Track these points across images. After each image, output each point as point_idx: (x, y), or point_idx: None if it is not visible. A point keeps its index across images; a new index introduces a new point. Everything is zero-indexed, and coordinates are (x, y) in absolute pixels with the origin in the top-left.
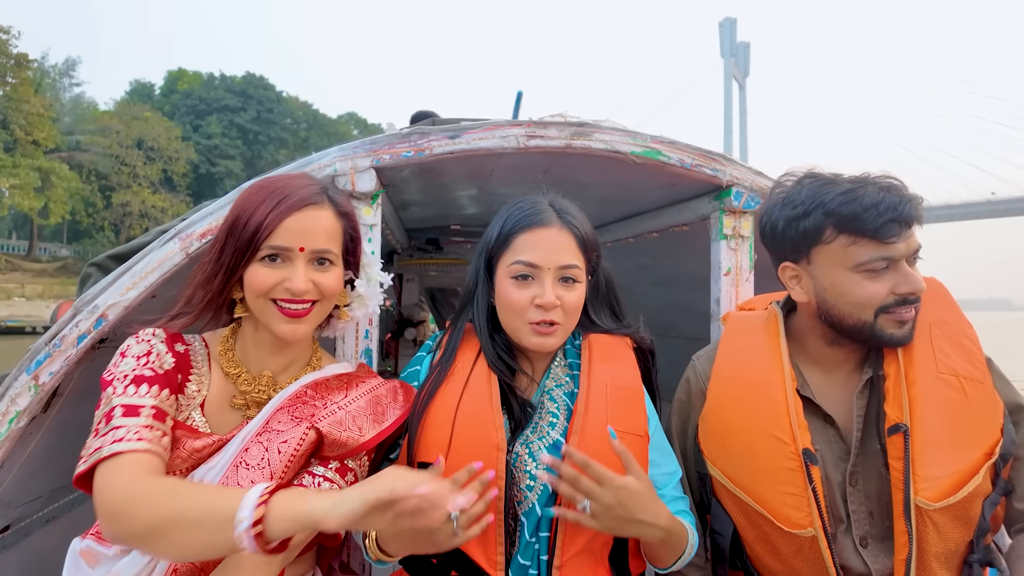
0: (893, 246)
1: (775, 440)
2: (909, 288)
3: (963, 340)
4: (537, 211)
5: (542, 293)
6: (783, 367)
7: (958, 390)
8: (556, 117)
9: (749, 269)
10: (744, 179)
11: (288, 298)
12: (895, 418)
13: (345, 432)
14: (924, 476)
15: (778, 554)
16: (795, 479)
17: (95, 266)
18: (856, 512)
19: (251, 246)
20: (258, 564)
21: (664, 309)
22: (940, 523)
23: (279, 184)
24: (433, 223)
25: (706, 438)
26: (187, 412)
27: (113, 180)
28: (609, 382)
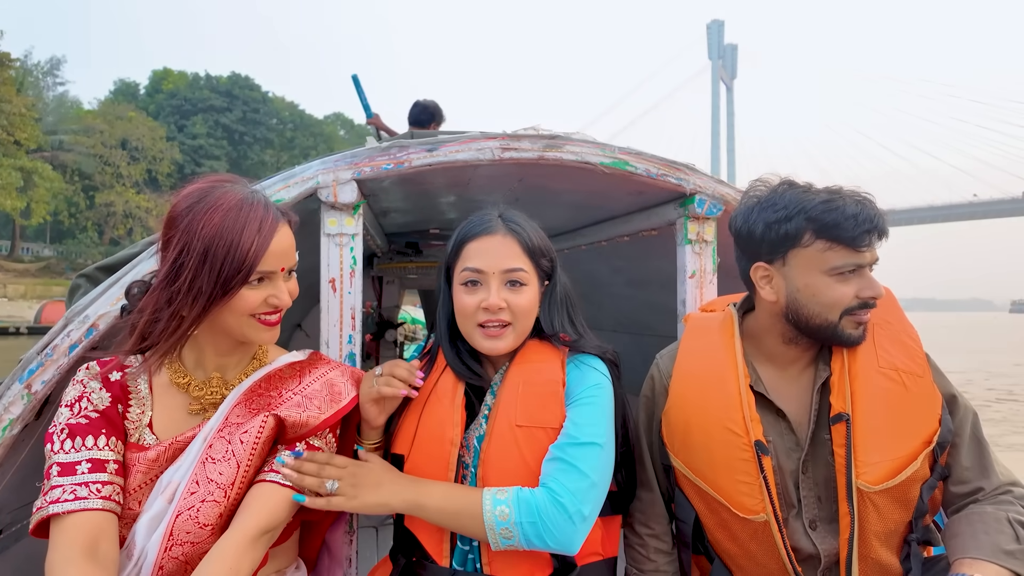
0: (863, 254)
1: (730, 433)
2: (871, 292)
3: (904, 338)
4: (484, 221)
5: (488, 296)
6: (737, 364)
7: (898, 383)
8: (529, 130)
9: (712, 271)
10: (707, 187)
11: (269, 311)
12: (839, 408)
13: (305, 412)
14: (865, 461)
15: (735, 538)
16: (748, 468)
17: (84, 277)
18: (806, 498)
19: (240, 274)
20: (242, 551)
21: (638, 308)
22: (880, 504)
23: (241, 204)
24: (413, 227)
25: (668, 432)
26: (137, 434)
27: (97, 180)
28: (523, 380)
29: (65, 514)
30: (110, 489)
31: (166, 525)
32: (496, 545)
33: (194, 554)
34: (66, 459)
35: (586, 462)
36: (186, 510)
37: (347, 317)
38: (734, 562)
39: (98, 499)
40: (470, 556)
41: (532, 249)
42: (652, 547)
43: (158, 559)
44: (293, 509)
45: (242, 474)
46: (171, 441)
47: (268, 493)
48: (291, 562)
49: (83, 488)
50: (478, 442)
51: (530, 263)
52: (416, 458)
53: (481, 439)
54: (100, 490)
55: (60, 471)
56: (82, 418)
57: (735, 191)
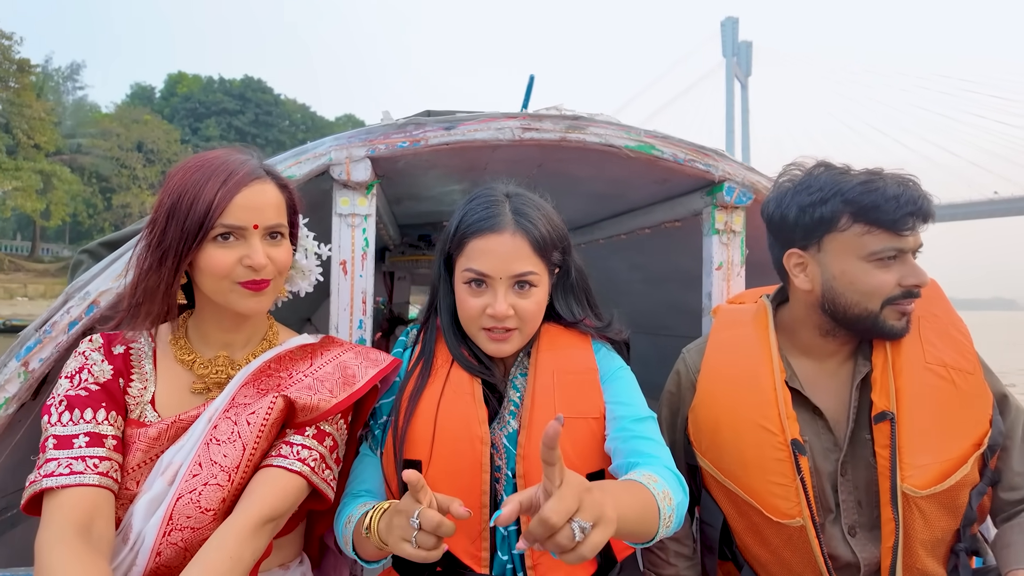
0: (905, 239)
1: (764, 431)
2: (915, 280)
3: (953, 332)
4: (491, 215)
5: (494, 303)
6: (772, 359)
7: (947, 380)
8: (551, 110)
9: (740, 264)
10: (736, 174)
11: (251, 278)
12: (882, 406)
13: (316, 396)
14: (911, 463)
15: (767, 544)
16: (783, 469)
17: (87, 253)
18: (845, 502)
19: (202, 227)
20: (244, 538)
21: (656, 307)
22: (927, 511)
23: (217, 161)
24: (426, 219)
25: (696, 430)
26: (138, 410)
27: (113, 182)
28: (556, 368)
29: (59, 488)
30: (107, 465)
31: (165, 508)
32: (660, 536)
33: (194, 540)
34: (63, 432)
35: (658, 435)
36: (187, 493)
37: (358, 301)
38: (765, 569)
39: (95, 475)
40: (509, 566)
41: (543, 245)
42: (672, 551)
43: (156, 544)
44: (301, 496)
45: (248, 457)
46: (174, 419)
47: (274, 478)
48: (295, 556)
49: (79, 462)
50: (509, 441)
51: (540, 262)
52: (440, 463)
53: (512, 436)
54: (97, 465)
55: (56, 444)
56: (82, 390)
57: (766, 179)
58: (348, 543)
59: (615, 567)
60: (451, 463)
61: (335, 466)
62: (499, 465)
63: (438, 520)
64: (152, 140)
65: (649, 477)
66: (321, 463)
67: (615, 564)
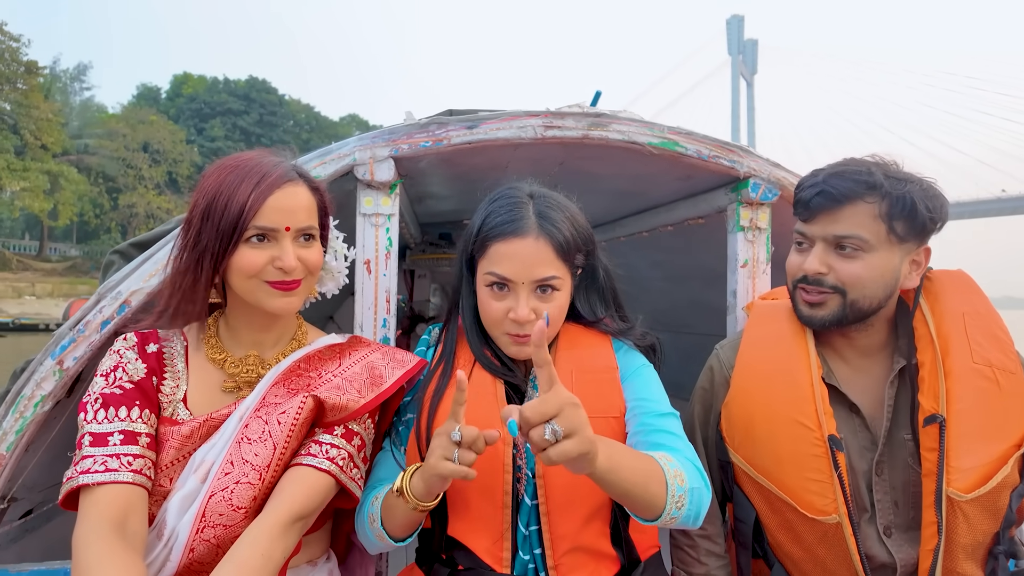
0: (808, 225)
1: (800, 426)
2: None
3: (996, 330)
4: (514, 218)
5: (516, 307)
6: (808, 354)
7: (992, 380)
8: (573, 107)
9: (766, 261)
10: (762, 170)
11: (280, 279)
12: (931, 408)
13: (345, 396)
14: (957, 467)
15: (800, 541)
16: (820, 465)
17: (118, 253)
18: (881, 502)
19: (236, 228)
20: (275, 536)
21: (677, 305)
22: (970, 514)
23: (251, 163)
24: (447, 217)
25: (729, 425)
26: (171, 408)
27: (120, 182)
28: (575, 368)
29: (95, 485)
30: (141, 463)
31: (199, 506)
32: (664, 518)
33: (227, 537)
34: (99, 429)
35: (680, 430)
36: (220, 491)
37: (382, 300)
38: (797, 568)
39: (129, 472)
40: (531, 566)
41: (567, 248)
42: (703, 548)
43: (189, 541)
44: (329, 495)
45: (278, 456)
46: (206, 418)
47: (304, 477)
48: (323, 552)
49: (114, 460)
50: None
51: (563, 265)
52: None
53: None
54: (131, 463)
55: (92, 441)
56: (116, 388)
57: (792, 175)
58: (376, 520)
59: (639, 567)
60: (477, 465)
61: (362, 465)
62: (519, 465)
63: (475, 434)
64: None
65: (664, 456)
66: (349, 462)
67: (639, 563)
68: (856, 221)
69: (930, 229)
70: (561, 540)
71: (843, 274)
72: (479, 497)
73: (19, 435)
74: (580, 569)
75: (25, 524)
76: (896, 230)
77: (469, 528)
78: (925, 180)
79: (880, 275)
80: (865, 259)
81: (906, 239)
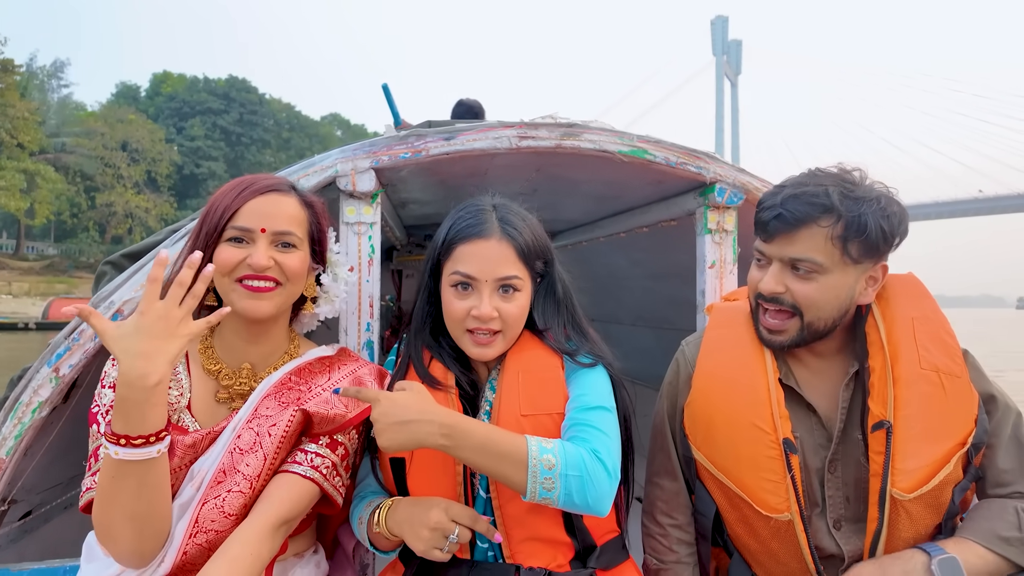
0: (766, 244)
1: (757, 429)
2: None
3: (942, 335)
4: (478, 221)
5: (479, 304)
6: (765, 359)
7: (937, 386)
8: (547, 118)
9: (733, 262)
10: (727, 176)
11: (250, 274)
12: (879, 415)
13: (333, 409)
14: (902, 469)
15: (756, 535)
16: (775, 467)
17: (110, 264)
18: (832, 497)
19: (217, 228)
20: (263, 538)
21: (657, 302)
22: (912, 511)
23: (249, 178)
24: (431, 220)
25: (691, 425)
26: (176, 415)
27: (98, 181)
28: (521, 368)
29: None
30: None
31: (192, 512)
32: (532, 496)
33: (217, 541)
34: None
35: (603, 423)
36: (212, 499)
37: (365, 305)
38: (754, 558)
39: None
40: (490, 553)
41: (527, 253)
42: (675, 537)
43: (183, 545)
44: (313, 501)
45: (268, 466)
46: (208, 431)
47: (291, 484)
48: (310, 546)
49: None
50: None
51: (524, 268)
52: (420, 462)
53: None
54: None
55: None
56: None
57: (757, 180)
58: (365, 540)
59: (595, 551)
60: (431, 462)
61: (345, 473)
62: None
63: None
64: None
65: (549, 442)
66: (333, 471)
67: (594, 548)
68: (811, 244)
69: (885, 249)
70: (515, 528)
71: (798, 295)
72: (436, 492)
73: (18, 440)
74: (537, 555)
75: (24, 525)
76: (850, 252)
77: None
78: (884, 197)
79: (834, 296)
80: (820, 280)
81: (861, 260)
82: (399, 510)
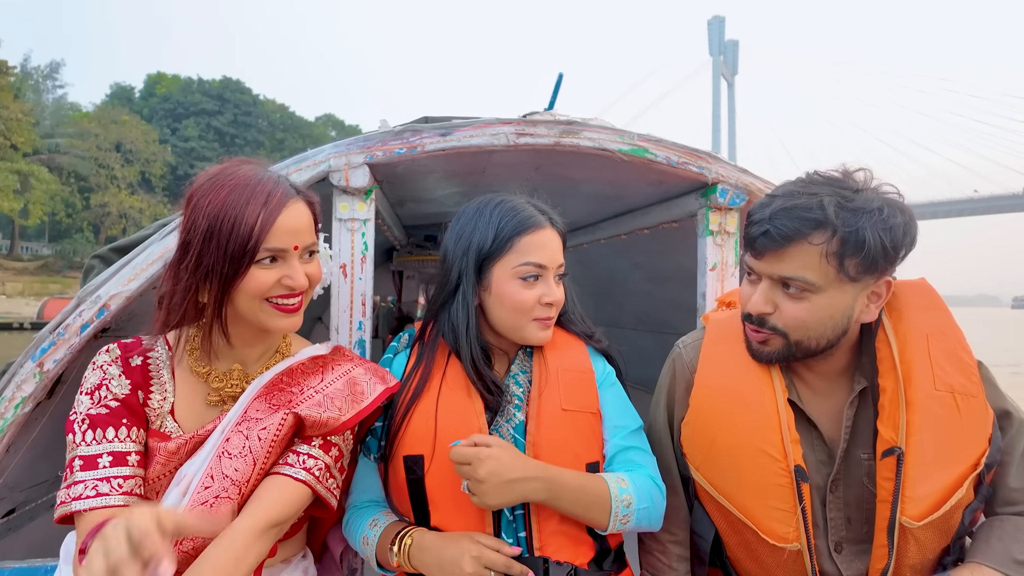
0: (756, 261)
1: (765, 456)
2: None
3: (959, 352)
4: (532, 214)
5: (548, 292)
6: (773, 378)
7: (952, 408)
8: (545, 115)
9: (735, 265)
10: (729, 176)
11: (285, 294)
12: (890, 440)
13: (325, 413)
14: (912, 496)
15: (760, 562)
16: (784, 495)
17: (98, 258)
18: (834, 519)
19: (247, 251)
20: (250, 541)
21: (658, 305)
22: (921, 537)
23: (250, 181)
24: (430, 220)
25: (690, 445)
26: (159, 421)
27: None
28: (560, 366)
29: (86, 511)
30: (132, 483)
31: None
32: (609, 529)
33: (202, 547)
34: (87, 452)
35: (646, 443)
36: (200, 504)
37: (357, 303)
38: None
39: (119, 495)
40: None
41: (565, 242)
42: (674, 554)
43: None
44: (305, 504)
45: (258, 471)
46: (192, 435)
47: (281, 486)
48: (299, 551)
49: (104, 484)
50: (517, 431)
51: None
52: (442, 454)
53: (520, 427)
54: (121, 485)
55: (82, 465)
56: (102, 408)
57: (760, 181)
58: (372, 560)
59: (610, 554)
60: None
61: (339, 475)
62: None
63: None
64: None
65: (621, 479)
66: (326, 472)
67: (610, 551)
68: (802, 262)
69: (887, 265)
70: (547, 522)
71: (787, 315)
72: (460, 488)
73: (0, 436)
74: (563, 551)
75: (8, 523)
76: (847, 269)
77: (451, 518)
78: (887, 205)
79: (828, 316)
80: (812, 300)
81: (859, 277)
82: (425, 551)
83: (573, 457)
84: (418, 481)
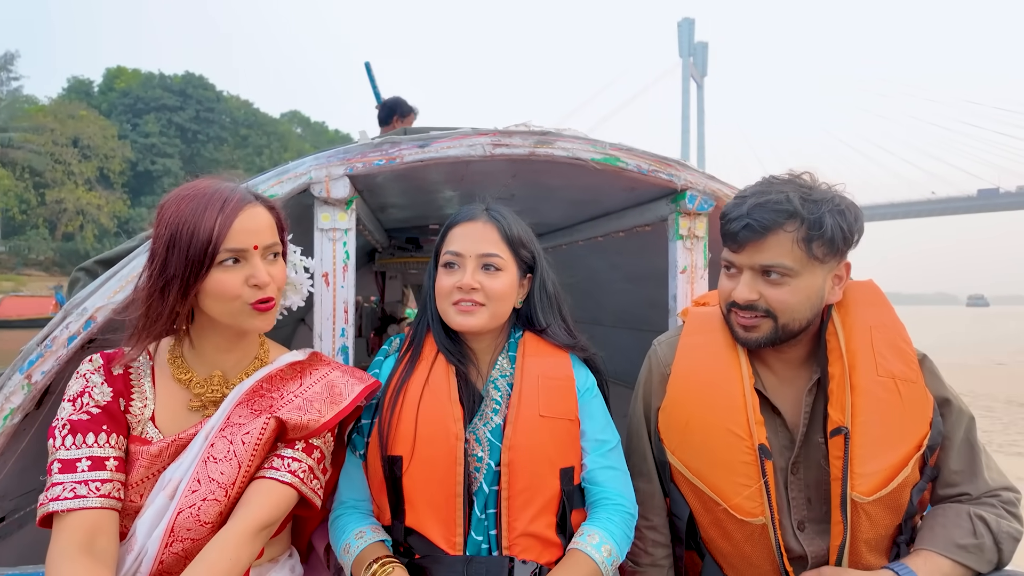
0: (735, 254)
1: (733, 435)
2: (733, 297)
3: (899, 342)
4: (469, 210)
5: (463, 276)
6: (741, 366)
7: (894, 392)
8: (520, 126)
9: (704, 267)
10: (697, 183)
11: (258, 297)
12: (837, 420)
13: (306, 416)
14: (860, 473)
15: (730, 538)
16: (749, 472)
17: (83, 271)
18: (796, 499)
19: (207, 254)
20: (242, 543)
21: (636, 304)
22: (872, 513)
23: (208, 191)
24: (412, 223)
25: (666, 429)
26: (140, 427)
27: (47, 177)
28: (540, 373)
29: (64, 512)
30: (109, 487)
31: (167, 522)
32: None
33: (193, 549)
34: (67, 456)
35: (621, 461)
36: (187, 508)
37: (340, 311)
38: (726, 560)
39: (97, 497)
40: (484, 546)
41: (511, 238)
42: (650, 539)
43: (159, 554)
44: (291, 505)
45: (243, 474)
46: (174, 438)
47: (268, 489)
48: (285, 550)
49: (83, 486)
50: (493, 434)
51: (508, 251)
52: (420, 457)
53: (496, 431)
54: (99, 488)
55: (61, 468)
56: (84, 414)
57: (727, 187)
58: (347, 568)
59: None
60: (430, 457)
61: (322, 475)
62: (480, 456)
63: None
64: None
65: (591, 536)
66: (310, 474)
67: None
68: (780, 250)
69: (845, 246)
70: (516, 522)
71: (772, 300)
72: (435, 489)
73: None
74: (529, 551)
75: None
76: (815, 253)
77: (424, 517)
78: (836, 196)
79: (806, 297)
80: (791, 284)
81: (825, 259)
82: None
83: (547, 463)
84: (397, 481)
